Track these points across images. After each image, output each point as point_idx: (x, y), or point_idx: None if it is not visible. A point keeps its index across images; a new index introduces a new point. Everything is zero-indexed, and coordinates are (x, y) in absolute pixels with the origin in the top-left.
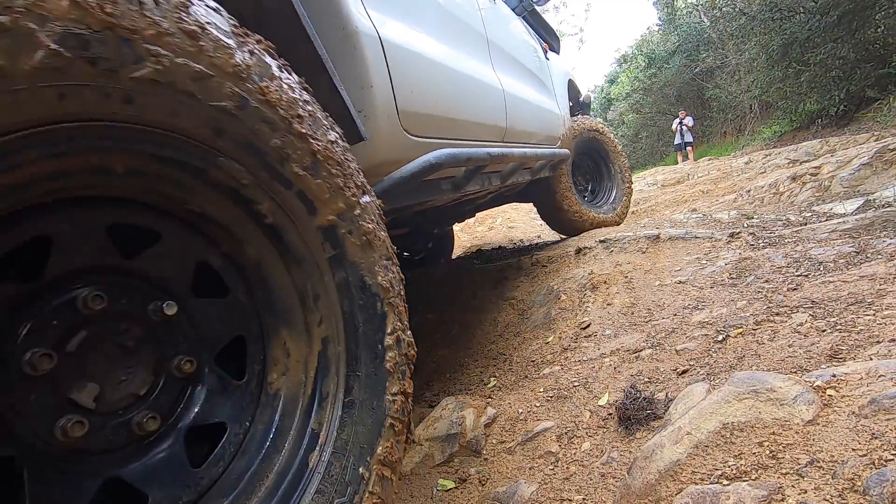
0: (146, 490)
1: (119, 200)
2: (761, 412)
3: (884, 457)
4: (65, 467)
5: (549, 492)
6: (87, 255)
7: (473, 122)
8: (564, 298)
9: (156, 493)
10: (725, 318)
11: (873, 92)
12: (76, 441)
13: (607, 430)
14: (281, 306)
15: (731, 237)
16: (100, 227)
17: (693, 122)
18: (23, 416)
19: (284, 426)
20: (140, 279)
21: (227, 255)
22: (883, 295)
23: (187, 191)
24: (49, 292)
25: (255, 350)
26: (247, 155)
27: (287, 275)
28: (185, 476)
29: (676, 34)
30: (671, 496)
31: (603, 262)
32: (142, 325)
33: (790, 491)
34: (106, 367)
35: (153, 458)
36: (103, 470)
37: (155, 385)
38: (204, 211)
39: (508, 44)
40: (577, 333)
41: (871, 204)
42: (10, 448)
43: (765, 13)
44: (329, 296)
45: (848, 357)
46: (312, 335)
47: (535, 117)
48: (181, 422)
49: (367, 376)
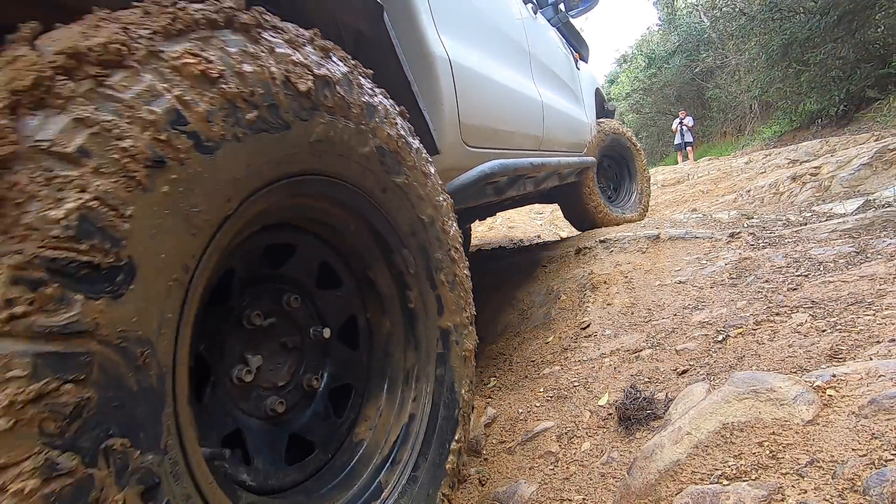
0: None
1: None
2: (761, 412)
3: (884, 457)
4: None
5: (549, 492)
6: (306, 269)
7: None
8: (564, 298)
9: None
10: (725, 318)
11: (873, 92)
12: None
13: (607, 430)
14: (389, 374)
15: (731, 237)
16: (319, 259)
17: (693, 122)
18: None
19: (357, 471)
20: (322, 308)
21: (369, 320)
22: (883, 295)
23: (372, 262)
24: (279, 280)
25: (355, 401)
26: (420, 256)
27: (403, 351)
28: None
29: (676, 34)
30: (671, 496)
31: (603, 262)
32: (304, 336)
33: (790, 491)
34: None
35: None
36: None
37: (299, 376)
38: (376, 279)
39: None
40: (577, 333)
41: (871, 204)
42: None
43: (765, 13)
44: (427, 383)
45: (848, 357)
46: (404, 408)
47: (567, 126)
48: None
49: (431, 465)
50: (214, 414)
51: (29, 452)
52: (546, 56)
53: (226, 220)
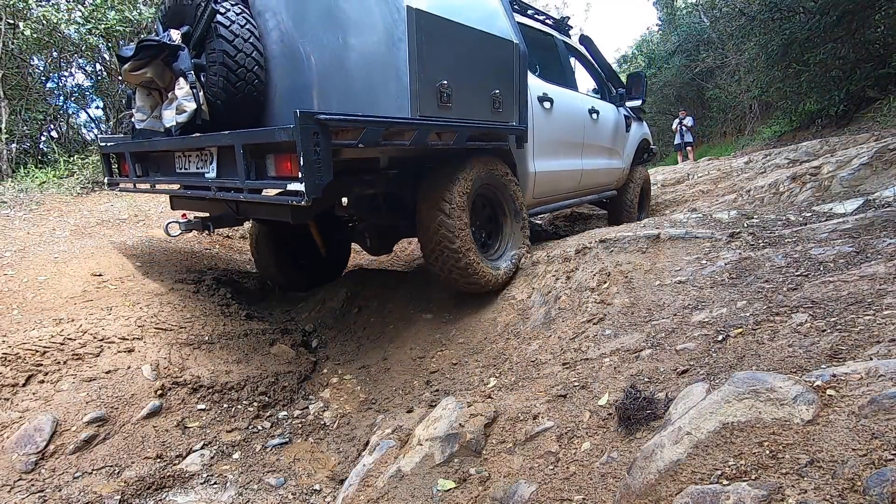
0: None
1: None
2: (761, 412)
3: (884, 457)
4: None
5: (549, 492)
6: (488, 207)
7: (562, 189)
8: (564, 298)
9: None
10: (725, 318)
11: (873, 92)
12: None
13: (607, 430)
14: (503, 230)
15: (731, 237)
16: (490, 204)
17: (693, 122)
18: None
19: (507, 234)
20: (494, 208)
21: (501, 219)
22: (883, 295)
23: (502, 207)
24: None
25: (504, 222)
26: (512, 206)
27: (511, 224)
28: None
29: (676, 34)
30: (671, 496)
31: (603, 261)
32: (495, 211)
33: (790, 491)
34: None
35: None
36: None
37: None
38: (503, 210)
39: (595, 139)
40: (577, 333)
41: (871, 204)
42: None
43: (765, 13)
44: (515, 228)
45: (848, 357)
46: (506, 235)
47: (599, 175)
48: (486, 247)
49: (516, 245)
50: (477, 240)
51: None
52: (596, 139)
53: (475, 192)
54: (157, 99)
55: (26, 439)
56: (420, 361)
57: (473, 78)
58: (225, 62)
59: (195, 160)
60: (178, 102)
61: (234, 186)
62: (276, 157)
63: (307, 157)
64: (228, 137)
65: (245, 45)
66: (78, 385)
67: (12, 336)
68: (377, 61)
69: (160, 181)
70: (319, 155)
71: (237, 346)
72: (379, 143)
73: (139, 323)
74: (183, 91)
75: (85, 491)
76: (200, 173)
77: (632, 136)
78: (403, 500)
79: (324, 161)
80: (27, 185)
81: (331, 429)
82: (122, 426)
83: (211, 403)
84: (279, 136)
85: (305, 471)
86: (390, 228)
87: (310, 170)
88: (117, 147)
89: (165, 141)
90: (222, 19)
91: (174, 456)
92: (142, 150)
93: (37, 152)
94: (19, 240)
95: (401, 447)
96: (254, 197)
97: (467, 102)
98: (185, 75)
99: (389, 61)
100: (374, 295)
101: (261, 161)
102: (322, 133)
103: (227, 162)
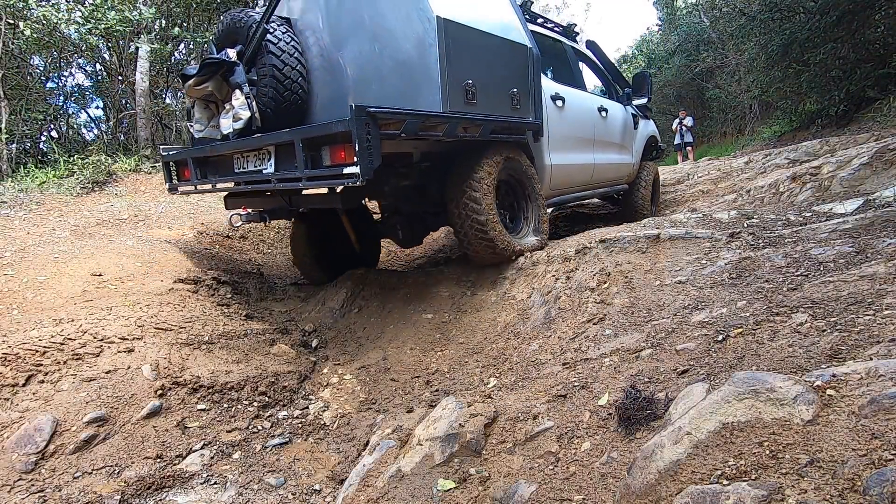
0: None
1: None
2: (761, 412)
3: (884, 457)
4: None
5: (549, 492)
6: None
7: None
8: (564, 298)
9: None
10: (725, 318)
11: (873, 92)
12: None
13: (607, 430)
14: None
15: (731, 237)
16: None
17: (693, 122)
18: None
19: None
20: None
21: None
22: (883, 295)
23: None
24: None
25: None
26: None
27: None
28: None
29: (676, 34)
30: (671, 496)
31: (603, 261)
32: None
33: (790, 491)
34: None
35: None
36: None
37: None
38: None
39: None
40: (577, 333)
41: (871, 204)
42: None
43: (765, 13)
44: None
45: (848, 357)
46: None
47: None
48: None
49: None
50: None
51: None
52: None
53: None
54: (214, 111)
55: (26, 439)
56: (420, 361)
57: (494, 78)
58: (274, 75)
59: (253, 159)
60: (234, 111)
61: (293, 177)
62: (331, 147)
63: (361, 143)
64: (288, 134)
65: (290, 60)
66: (78, 385)
67: (12, 336)
68: (411, 65)
69: (220, 181)
70: (370, 142)
71: (237, 346)
72: (417, 133)
73: (139, 323)
74: (239, 101)
75: (85, 491)
76: (258, 170)
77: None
78: (403, 500)
79: (374, 147)
80: (27, 185)
81: (331, 429)
82: (122, 426)
83: (211, 403)
84: (336, 127)
85: (305, 471)
86: (420, 220)
87: (363, 154)
88: (179, 155)
89: (230, 143)
90: (271, 38)
91: (174, 456)
92: (204, 155)
93: (37, 152)
94: (19, 240)
95: (401, 447)
96: (313, 182)
97: (489, 100)
98: (240, 87)
99: (422, 64)
100: (374, 295)
101: (316, 153)
102: (372, 123)
103: (284, 157)
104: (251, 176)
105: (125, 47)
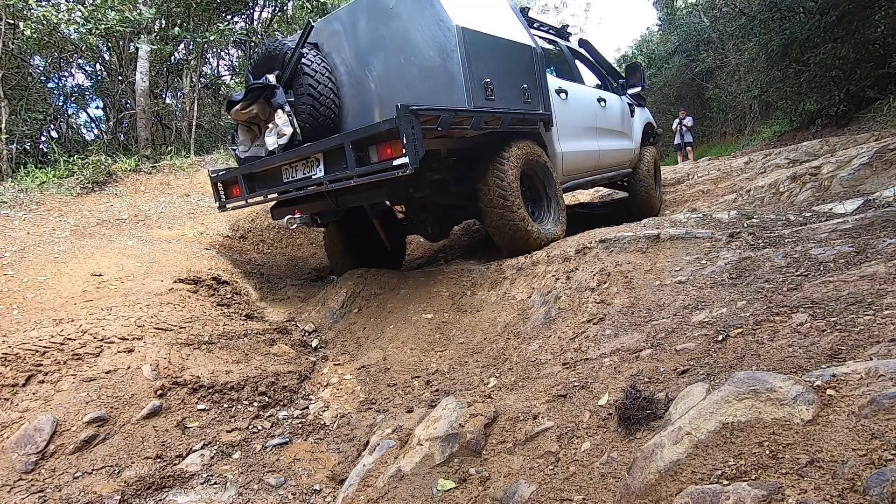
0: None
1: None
2: (761, 412)
3: (884, 457)
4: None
5: (549, 492)
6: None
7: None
8: (564, 298)
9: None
10: (725, 318)
11: (873, 92)
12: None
13: (607, 430)
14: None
15: (731, 237)
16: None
17: (693, 122)
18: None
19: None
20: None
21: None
22: (883, 295)
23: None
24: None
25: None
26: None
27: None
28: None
29: (676, 34)
30: (671, 496)
31: (603, 261)
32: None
33: (790, 491)
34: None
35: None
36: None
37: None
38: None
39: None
40: (577, 333)
41: (871, 204)
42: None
43: (765, 13)
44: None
45: (848, 357)
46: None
47: (615, 155)
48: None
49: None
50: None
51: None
52: (607, 123)
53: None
54: (256, 132)
55: (26, 439)
56: (420, 361)
57: (507, 76)
58: (311, 94)
59: (301, 168)
60: (278, 129)
61: (345, 176)
62: (379, 146)
63: (408, 136)
64: (338, 139)
65: (323, 79)
66: (78, 385)
67: (12, 336)
68: (436, 70)
69: (270, 192)
70: (415, 135)
71: (237, 346)
72: (450, 128)
73: (139, 323)
74: (282, 120)
75: (85, 491)
76: (308, 177)
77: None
78: (403, 500)
79: (418, 139)
80: (27, 185)
81: (331, 429)
82: (122, 426)
83: (211, 403)
84: (383, 126)
85: (305, 471)
86: (447, 214)
87: (411, 145)
88: (230, 174)
89: (279, 157)
90: (306, 61)
91: (174, 456)
92: (253, 171)
93: (37, 152)
94: (19, 240)
95: (401, 447)
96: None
97: (505, 95)
98: (282, 107)
99: (446, 68)
100: (374, 295)
101: (363, 153)
102: (415, 119)
103: (333, 161)
104: (301, 183)
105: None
